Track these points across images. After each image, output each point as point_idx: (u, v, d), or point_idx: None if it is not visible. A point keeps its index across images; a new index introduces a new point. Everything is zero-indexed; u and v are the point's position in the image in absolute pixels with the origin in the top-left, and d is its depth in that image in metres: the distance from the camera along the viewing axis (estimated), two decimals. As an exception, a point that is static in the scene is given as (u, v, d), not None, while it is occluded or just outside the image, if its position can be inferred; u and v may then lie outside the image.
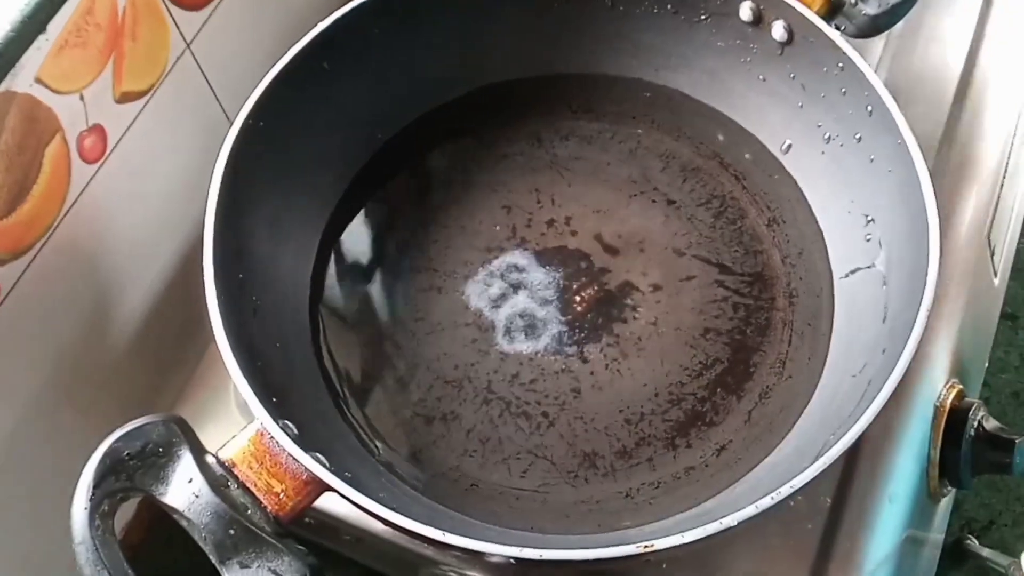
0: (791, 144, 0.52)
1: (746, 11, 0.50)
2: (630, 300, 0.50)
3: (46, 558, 0.51)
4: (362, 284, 0.52)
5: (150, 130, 0.52)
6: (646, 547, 0.36)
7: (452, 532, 0.37)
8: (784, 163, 0.53)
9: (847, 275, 0.49)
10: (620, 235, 0.52)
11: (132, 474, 0.38)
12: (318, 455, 0.39)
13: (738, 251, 0.51)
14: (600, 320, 0.50)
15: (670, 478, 0.46)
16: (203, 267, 0.43)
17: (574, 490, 0.46)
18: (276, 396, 0.41)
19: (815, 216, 0.51)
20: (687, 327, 0.49)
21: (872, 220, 0.47)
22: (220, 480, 0.39)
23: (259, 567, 0.37)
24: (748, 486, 0.44)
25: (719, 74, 0.54)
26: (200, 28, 0.53)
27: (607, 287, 0.51)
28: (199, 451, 0.39)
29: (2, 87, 0.42)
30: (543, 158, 0.55)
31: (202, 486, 0.38)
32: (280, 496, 0.39)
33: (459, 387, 0.49)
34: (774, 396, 0.47)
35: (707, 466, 0.46)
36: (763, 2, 0.49)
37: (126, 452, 0.39)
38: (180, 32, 0.52)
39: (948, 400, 0.50)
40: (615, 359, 0.49)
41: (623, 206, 0.53)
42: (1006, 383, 0.85)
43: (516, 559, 0.37)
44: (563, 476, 0.46)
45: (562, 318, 0.50)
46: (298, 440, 0.39)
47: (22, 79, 0.43)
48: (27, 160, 0.45)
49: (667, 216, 0.53)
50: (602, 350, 0.49)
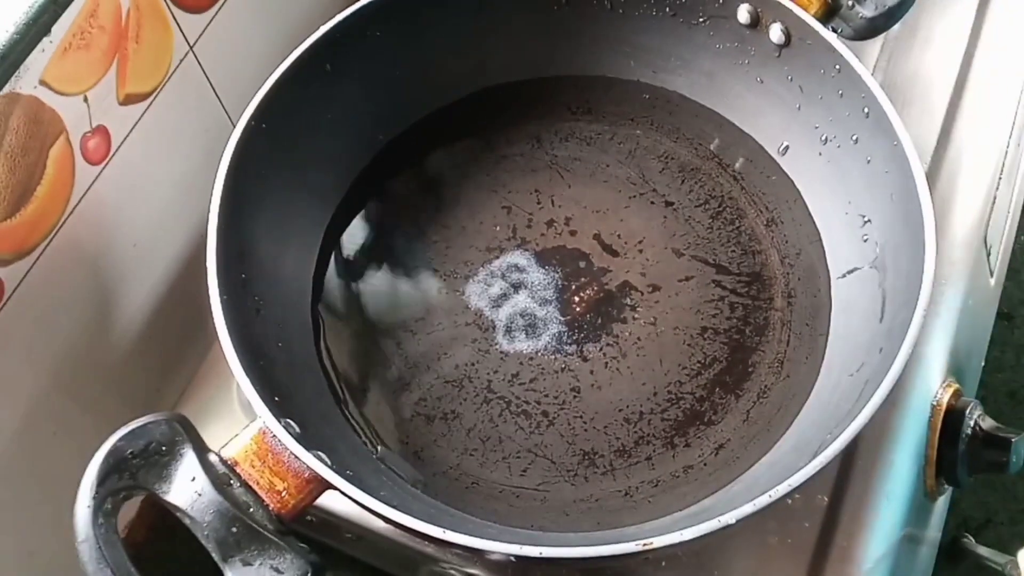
0: (789, 145, 0.53)
1: (744, 14, 0.50)
2: (629, 300, 0.51)
3: (50, 556, 0.51)
4: (363, 284, 0.52)
5: (153, 132, 0.52)
6: (645, 545, 0.36)
7: (453, 530, 0.37)
8: (782, 164, 0.53)
9: (844, 275, 0.49)
10: (619, 235, 0.53)
11: (135, 472, 0.39)
12: (320, 453, 0.39)
13: (736, 251, 0.52)
14: (599, 320, 0.50)
15: (669, 477, 0.46)
16: (206, 267, 0.43)
17: (574, 488, 0.46)
18: (278, 395, 0.42)
19: (812, 217, 0.51)
20: (686, 327, 0.50)
21: (869, 221, 0.48)
22: (223, 478, 0.39)
23: (261, 565, 0.37)
24: (746, 485, 0.44)
25: (717, 76, 0.54)
26: (203, 30, 0.54)
27: (606, 287, 0.51)
28: (202, 450, 0.40)
29: (7, 89, 0.42)
30: (543, 159, 0.55)
31: (205, 484, 0.38)
32: (282, 494, 0.39)
33: (460, 386, 0.49)
34: (772, 395, 0.47)
35: (705, 465, 0.46)
36: (761, 5, 0.49)
37: (129, 451, 0.39)
38: (183, 34, 0.52)
39: (945, 399, 0.50)
40: (614, 358, 0.49)
41: (622, 207, 0.54)
42: (1002, 382, 0.85)
43: (516, 557, 0.37)
44: (563, 475, 0.46)
45: (562, 318, 0.50)
46: (300, 439, 0.39)
47: (26, 81, 0.43)
48: (31, 161, 0.45)
49: (666, 217, 0.53)
50: (601, 349, 0.49)
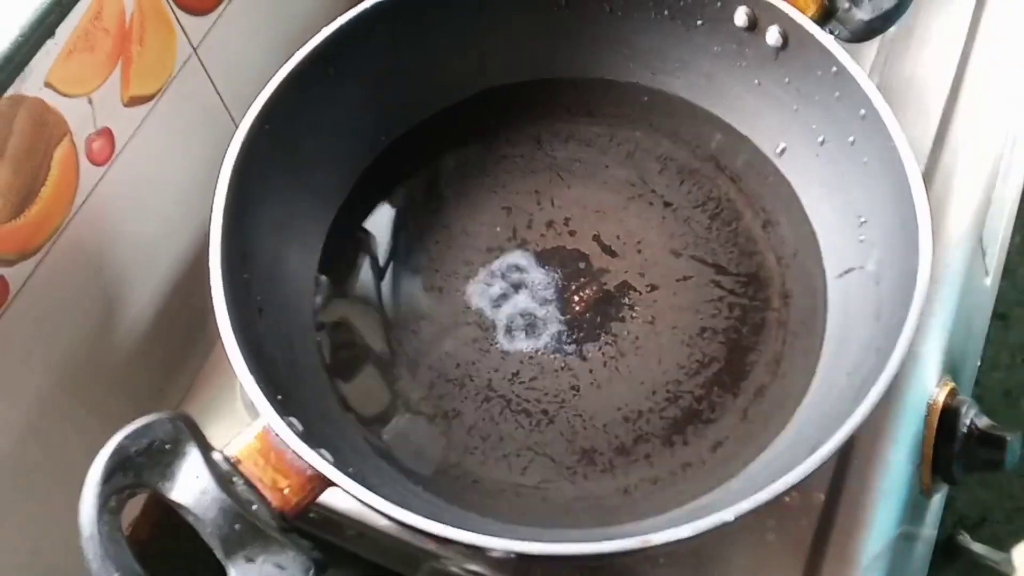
0: (786, 147, 0.53)
1: (741, 16, 0.50)
2: (628, 300, 0.51)
3: (55, 554, 0.52)
4: (365, 284, 0.53)
5: (157, 133, 0.52)
6: (644, 542, 0.36)
7: (454, 527, 0.37)
8: (779, 166, 0.53)
9: (841, 275, 0.49)
10: (618, 236, 0.53)
11: (139, 471, 0.39)
12: (322, 451, 0.39)
13: (734, 252, 0.52)
14: (599, 319, 0.50)
15: (667, 474, 0.46)
16: (209, 268, 0.43)
17: (573, 486, 0.46)
18: (281, 394, 0.42)
19: (809, 218, 0.52)
20: (684, 326, 0.50)
21: (865, 222, 0.48)
22: (226, 476, 0.39)
23: (264, 561, 0.38)
24: (744, 482, 0.44)
25: (715, 78, 0.54)
26: (207, 33, 0.54)
27: (606, 287, 0.51)
28: (205, 448, 0.40)
29: (11, 91, 0.42)
30: (543, 160, 0.56)
31: (208, 482, 0.38)
32: (285, 492, 0.39)
33: (460, 385, 0.49)
34: (769, 394, 0.48)
35: (704, 462, 0.46)
36: (758, 7, 0.50)
37: (133, 449, 0.39)
38: (187, 36, 0.52)
39: (941, 398, 0.51)
40: (613, 358, 0.49)
41: (621, 208, 0.54)
42: (998, 381, 0.86)
43: (517, 554, 0.37)
44: (563, 473, 0.46)
45: (561, 317, 0.51)
46: (303, 437, 0.39)
47: (31, 83, 0.43)
48: (36, 163, 0.45)
49: (664, 217, 0.53)
50: (601, 349, 0.50)
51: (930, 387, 0.51)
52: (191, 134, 0.55)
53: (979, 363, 0.66)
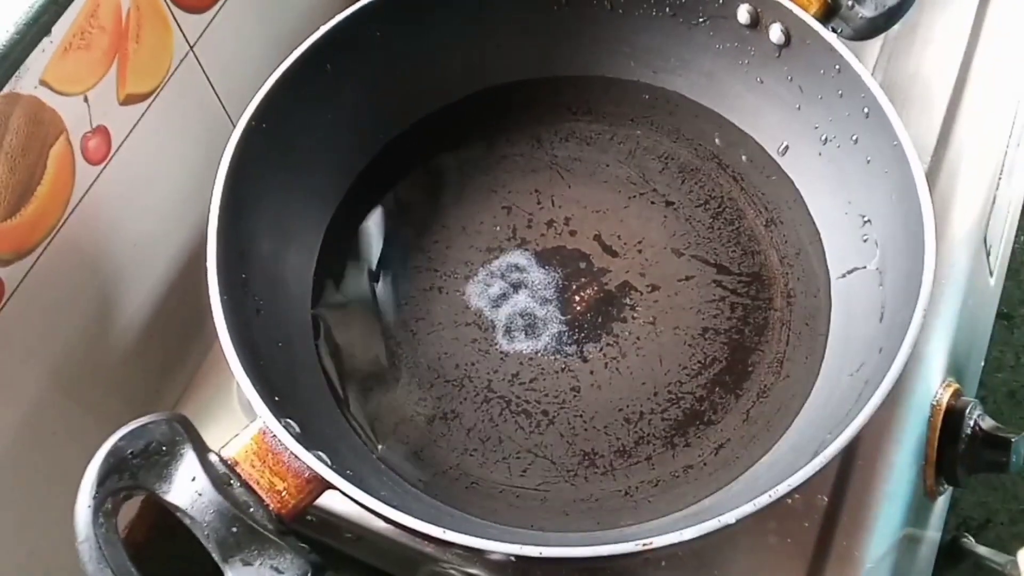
0: (788, 145, 0.53)
1: (743, 14, 0.50)
2: (629, 300, 0.51)
3: (51, 556, 0.51)
4: (363, 284, 0.52)
5: (154, 132, 0.52)
6: (645, 545, 0.36)
7: (453, 530, 0.37)
8: (781, 164, 0.53)
9: (844, 275, 0.49)
10: (619, 235, 0.53)
11: (135, 472, 0.39)
12: (320, 453, 0.39)
13: (736, 251, 0.52)
14: (599, 320, 0.50)
15: (669, 476, 0.46)
16: (207, 267, 0.43)
17: (574, 488, 0.46)
18: (278, 395, 0.42)
19: (812, 217, 0.51)
20: (685, 327, 0.50)
21: (869, 221, 0.48)
22: (223, 478, 0.39)
23: (261, 564, 0.37)
24: (746, 484, 0.44)
25: (717, 76, 0.54)
26: (203, 31, 0.54)
27: (606, 287, 0.51)
28: (202, 450, 0.40)
29: (7, 89, 0.42)
30: (543, 159, 0.56)
31: (205, 484, 0.38)
32: (282, 494, 0.39)
33: (460, 386, 0.49)
34: (772, 395, 0.48)
35: (705, 464, 0.46)
36: (760, 5, 0.49)
37: (129, 451, 0.39)
38: (183, 34, 0.52)
39: (944, 399, 0.51)
40: (614, 358, 0.49)
41: (622, 207, 0.54)
42: (1002, 382, 0.85)
43: (516, 557, 0.37)
44: (563, 474, 0.46)
45: (562, 318, 0.50)
46: (300, 438, 0.39)
47: (27, 81, 0.43)
48: (31, 161, 0.45)
49: (665, 217, 0.53)
50: (601, 349, 0.49)
51: (934, 388, 0.51)
52: (187, 133, 0.55)
53: (983, 364, 0.65)
